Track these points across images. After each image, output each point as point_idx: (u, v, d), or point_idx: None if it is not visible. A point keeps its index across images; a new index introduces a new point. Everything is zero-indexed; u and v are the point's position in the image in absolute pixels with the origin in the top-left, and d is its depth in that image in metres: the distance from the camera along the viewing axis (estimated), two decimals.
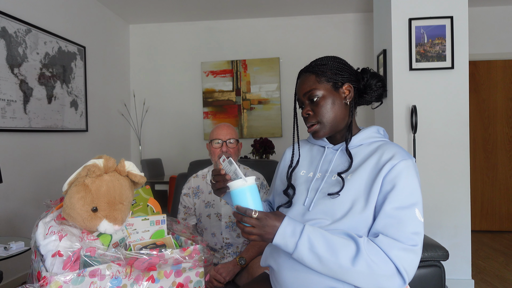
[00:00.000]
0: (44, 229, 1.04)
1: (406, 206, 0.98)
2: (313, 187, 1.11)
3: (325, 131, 1.12)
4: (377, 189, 1.01)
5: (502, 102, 4.25)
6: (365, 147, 1.12)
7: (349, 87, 1.13)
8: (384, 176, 1.01)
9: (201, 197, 1.88)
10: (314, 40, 4.60)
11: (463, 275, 2.71)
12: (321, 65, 1.12)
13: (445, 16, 2.68)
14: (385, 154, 1.05)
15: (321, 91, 1.10)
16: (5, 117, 2.71)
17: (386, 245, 0.95)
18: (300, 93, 1.15)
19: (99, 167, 1.06)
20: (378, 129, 1.16)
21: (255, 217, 0.96)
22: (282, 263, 1.08)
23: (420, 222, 0.98)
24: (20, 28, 2.88)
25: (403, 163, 1.02)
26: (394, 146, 1.08)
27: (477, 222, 4.24)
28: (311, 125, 1.12)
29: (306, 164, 1.20)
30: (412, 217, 0.97)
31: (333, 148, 1.16)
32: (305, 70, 1.16)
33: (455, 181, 2.72)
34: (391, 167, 1.01)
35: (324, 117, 1.10)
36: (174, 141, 4.80)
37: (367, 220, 1.00)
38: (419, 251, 0.96)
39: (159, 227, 1.24)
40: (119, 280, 0.99)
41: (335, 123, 1.12)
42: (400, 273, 0.94)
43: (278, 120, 4.63)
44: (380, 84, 1.15)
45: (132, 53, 4.84)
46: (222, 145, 1.78)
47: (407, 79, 2.75)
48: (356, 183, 1.04)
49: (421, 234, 0.97)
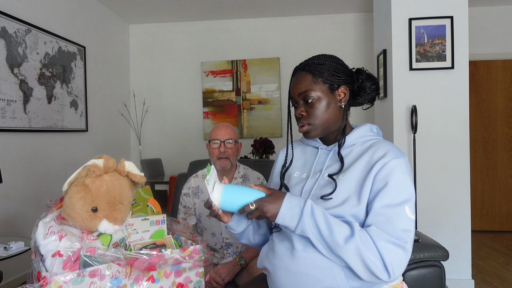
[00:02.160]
0: (44, 229, 1.04)
1: (396, 204, 0.97)
2: (306, 189, 1.11)
3: (317, 133, 1.11)
4: (368, 187, 1.00)
5: (502, 102, 4.25)
6: (358, 146, 1.11)
7: (345, 89, 1.11)
8: (375, 174, 1.01)
9: (201, 197, 1.88)
10: (314, 40, 4.60)
11: (463, 275, 2.71)
12: (319, 65, 1.09)
13: (445, 16, 2.68)
14: (377, 152, 1.04)
15: (317, 93, 1.08)
16: (5, 117, 2.71)
17: (375, 235, 0.95)
18: (295, 92, 1.12)
19: (99, 167, 1.06)
20: (371, 127, 1.15)
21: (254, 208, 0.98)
22: (277, 265, 1.07)
23: (410, 219, 0.97)
24: (20, 28, 2.88)
25: (395, 161, 1.01)
26: (386, 144, 1.07)
27: (477, 222, 4.24)
28: (302, 126, 1.11)
29: (300, 165, 1.20)
30: (401, 215, 0.96)
31: (326, 149, 1.15)
32: (301, 68, 1.12)
33: (455, 181, 2.72)
34: (382, 165, 1.01)
35: (317, 119, 1.09)
36: (174, 141, 4.80)
37: (358, 216, 1.00)
38: (409, 249, 0.95)
39: (159, 227, 1.24)
40: (119, 280, 0.99)
41: (327, 125, 1.10)
42: (385, 266, 0.93)
43: (278, 120, 4.63)
44: (374, 87, 1.13)
45: (132, 53, 4.84)
46: (220, 146, 1.78)
47: (407, 79, 2.75)
48: (347, 182, 1.04)
49: (411, 231, 0.97)
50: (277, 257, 1.08)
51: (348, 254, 0.94)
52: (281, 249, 1.08)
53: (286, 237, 1.08)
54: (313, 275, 1.00)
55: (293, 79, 1.14)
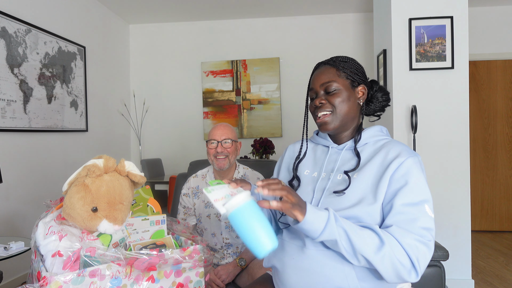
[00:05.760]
0: (44, 229, 1.04)
1: (417, 202, 0.97)
2: (319, 188, 1.11)
3: (336, 124, 1.11)
4: (384, 187, 1.00)
5: (502, 102, 4.25)
6: (370, 145, 1.12)
7: (364, 89, 1.15)
8: (392, 174, 1.01)
9: (201, 197, 1.88)
10: (314, 40, 4.60)
11: (463, 275, 2.71)
12: (343, 62, 1.14)
13: (445, 16, 2.68)
14: (391, 152, 1.05)
15: (339, 85, 1.11)
16: (5, 117, 2.71)
17: (399, 235, 0.94)
18: (317, 83, 1.14)
19: (99, 167, 1.06)
20: (381, 128, 1.17)
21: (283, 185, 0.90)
22: (287, 262, 1.06)
23: (430, 217, 0.97)
24: (20, 28, 2.88)
25: (411, 160, 1.02)
26: (399, 144, 1.08)
27: (477, 222, 4.23)
28: (323, 115, 1.11)
29: (310, 164, 1.19)
30: (423, 213, 0.96)
31: (338, 148, 1.15)
32: (325, 62, 1.17)
33: (455, 181, 2.71)
34: (399, 164, 1.01)
35: (337, 108, 1.10)
36: (174, 141, 4.80)
37: (374, 215, 0.99)
38: (432, 246, 0.95)
39: (159, 227, 1.24)
40: (119, 280, 0.99)
41: (346, 118, 1.12)
42: (413, 265, 0.92)
43: (278, 120, 4.63)
44: (385, 97, 1.19)
45: (132, 53, 4.84)
46: (217, 146, 1.77)
47: (407, 79, 2.75)
48: (362, 181, 1.03)
49: (433, 229, 0.96)
50: (286, 255, 1.07)
51: (379, 263, 0.92)
52: (292, 246, 1.07)
53: (297, 235, 1.07)
54: (324, 273, 0.99)
55: (316, 72, 1.17)
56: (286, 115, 4.64)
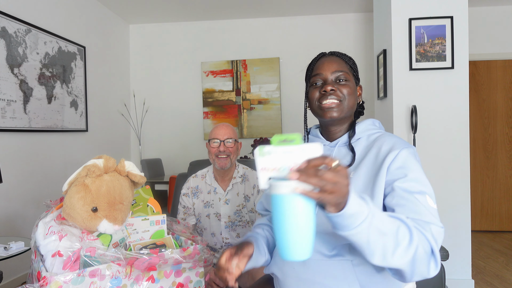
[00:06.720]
0: (44, 229, 1.04)
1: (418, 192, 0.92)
2: None
3: (341, 113, 1.08)
4: (382, 180, 0.96)
5: (502, 102, 4.25)
6: (363, 140, 1.10)
7: (361, 89, 1.18)
8: (388, 166, 0.97)
9: (200, 197, 1.88)
10: (314, 40, 4.60)
11: (463, 275, 2.71)
12: (349, 58, 1.15)
13: (445, 16, 2.68)
14: (384, 145, 1.02)
15: (349, 77, 1.12)
16: (5, 117, 2.71)
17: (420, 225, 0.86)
18: (327, 69, 1.10)
19: (99, 167, 1.06)
20: (373, 121, 1.15)
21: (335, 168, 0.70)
22: (288, 272, 1.04)
23: (434, 208, 0.91)
24: (20, 28, 2.87)
25: (405, 151, 0.98)
26: (392, 136, 1.06)
27: (477, 222, 4.23)
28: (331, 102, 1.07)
29: None
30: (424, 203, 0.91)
31: (330, 145, 1.13)
32: (335, 53, 1.15)
33: (455, 181, 2.71)
34: (395, 156, 0.98)
35: (346, 99, 1.09)
36: (174, 141, 4.80)
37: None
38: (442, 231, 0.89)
39: (159, 227, 1.24)
40: (119, 280, 0.99)
41: (350, 112, 1.11)
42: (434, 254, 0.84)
43: (278, 120, 4.63)
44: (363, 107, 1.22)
45: (132, 53, 4.84)
46: (220, 145, 1.78)
47: (407, 79, 2.75)
48: (358, 179, 1.01)
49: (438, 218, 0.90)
50: (287, 264, 1.04)
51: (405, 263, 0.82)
52: None
53: None
54: (326, 284, 0.97)
55: (323, 59, 1.14)
56: (286, 115, 4.64)
